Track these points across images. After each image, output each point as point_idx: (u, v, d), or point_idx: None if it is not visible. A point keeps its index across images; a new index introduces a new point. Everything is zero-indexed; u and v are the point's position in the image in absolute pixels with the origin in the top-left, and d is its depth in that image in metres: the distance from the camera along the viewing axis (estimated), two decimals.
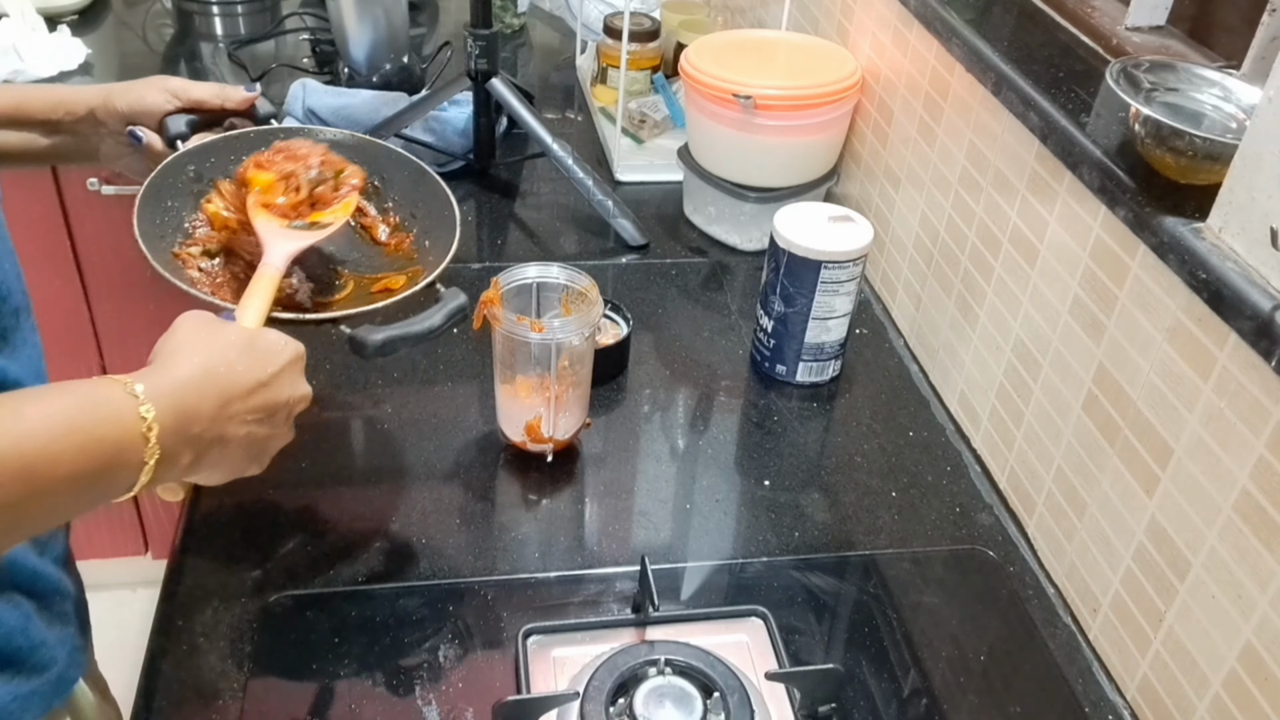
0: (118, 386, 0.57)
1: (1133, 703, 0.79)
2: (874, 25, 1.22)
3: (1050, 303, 0.88)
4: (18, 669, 0.64)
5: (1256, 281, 0.64)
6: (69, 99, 0.89)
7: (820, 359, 1.05)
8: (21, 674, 0.64)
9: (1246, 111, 0.75)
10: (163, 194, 0.87)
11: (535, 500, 0.92)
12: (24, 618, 0.64)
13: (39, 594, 0.66)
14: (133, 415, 0.56)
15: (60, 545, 0.71)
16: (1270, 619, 0.65)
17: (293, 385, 0.68)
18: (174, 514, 0.88)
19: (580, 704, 0.70)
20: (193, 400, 0.60)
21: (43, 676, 0.66)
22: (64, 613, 0.69)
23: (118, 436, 0.55)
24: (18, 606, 0.64)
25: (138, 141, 0.90)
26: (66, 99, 0.89)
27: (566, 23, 1.89)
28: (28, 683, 0.64)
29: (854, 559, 0.88)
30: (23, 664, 0.64)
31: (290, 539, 0.85)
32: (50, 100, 0.88)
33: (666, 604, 0.82)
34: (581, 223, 1.31)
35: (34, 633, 0.65)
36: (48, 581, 0.67)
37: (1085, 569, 0.85)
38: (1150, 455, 0.76)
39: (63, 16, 1.69)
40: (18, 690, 0.64)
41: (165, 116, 0.91)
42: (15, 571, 0.64)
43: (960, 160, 1.02)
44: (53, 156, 0.91)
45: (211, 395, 0.61)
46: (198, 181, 0.91)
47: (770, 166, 1.23)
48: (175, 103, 0.92)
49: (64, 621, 0.69)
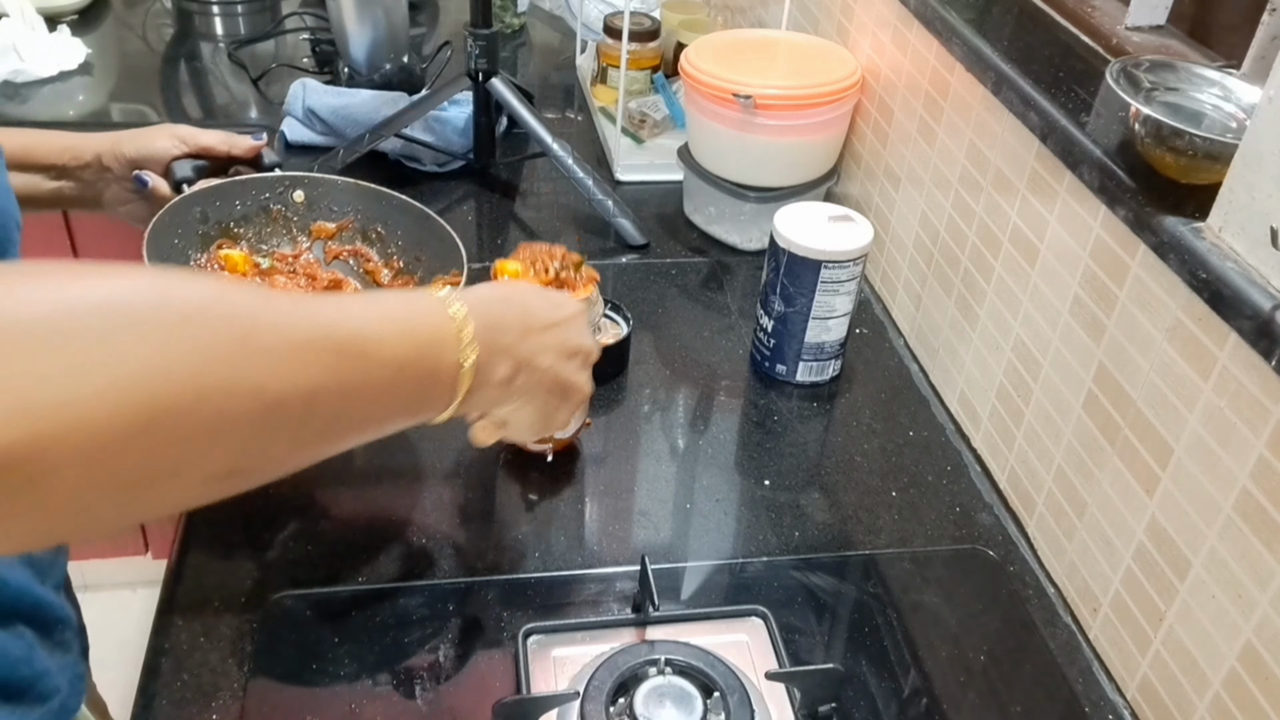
0: (423, 293, 0.56)
1: (1133, 702, 0.79)
2: (874, 25, 1.22)
3: (1050, 302, 0.88)
4: (20, 699, 0.64)
5: (1256, 281, 0.64)
6: (75, 144, 0.91)
7: (820, 359, 1.05)
8: (25, 704, 0.64)
9: (1246, 111, 0.74)
10: (170, 232, 0.90)
11: (535, 500, 0.92)
12: (28, 648, 0.64)
13: (41, 623, 0.66)
14: (443, 311, 0.55)
15: (60, 572, 0.71)
16: (1270, 618, 0.65)
17: (583, 333, 0.68)
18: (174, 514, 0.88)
19: (580, 704, 0.70)
20: (497, 313, 0.59)
21: (45, 706, 0.65)
22: (65, 641, 0.69)
23: (432, 326, 0.54)
24: (21, 636, 0.64)
25: (143, 186, 0.92)
26: (73, 144, 0.91)
27: (566, 22, 1.89)
28: (31, 712, 0.64)
29: (854, 559, 0.88)
30: (26, 693, 0.64)
31: (291, 539, 0.85)
32: (57, 145, 0.89)
33: (666, 604, 0.82)
34: (581, 222, 1.31)
35: (37, 662, 0.65)
36: (50, 610, 0.67)
37: (1085, 568, 0.85)
38: (1150, 455, 0.76)
39: (63, 16, 1.70)
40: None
41: (172, 161, 0.94)
42: (18, 601, 0.64)
43: (960, 160, 1.02)
44: (57, 202, 0.92)
45: (514, 315, 0.61)
46: (204, 223, 0.94)
47: (770, 166, 1.23)
48: (183, 148, 0.95)
49: (65, 649, 0.68)
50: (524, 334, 0.61)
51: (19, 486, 0.35)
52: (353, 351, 0.48)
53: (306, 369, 0.45)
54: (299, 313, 0.46)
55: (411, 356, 0.52)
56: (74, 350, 0.36)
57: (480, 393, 0.58)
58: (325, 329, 0.46)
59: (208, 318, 0.41)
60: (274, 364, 0.43)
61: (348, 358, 0.47)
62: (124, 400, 0.37)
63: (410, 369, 0.52)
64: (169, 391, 0.39)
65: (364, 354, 0.48)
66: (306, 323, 0.46)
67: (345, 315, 0.48)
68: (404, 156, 1.38)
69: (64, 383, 0.36)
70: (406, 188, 1.04)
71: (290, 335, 0.44)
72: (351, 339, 0.48)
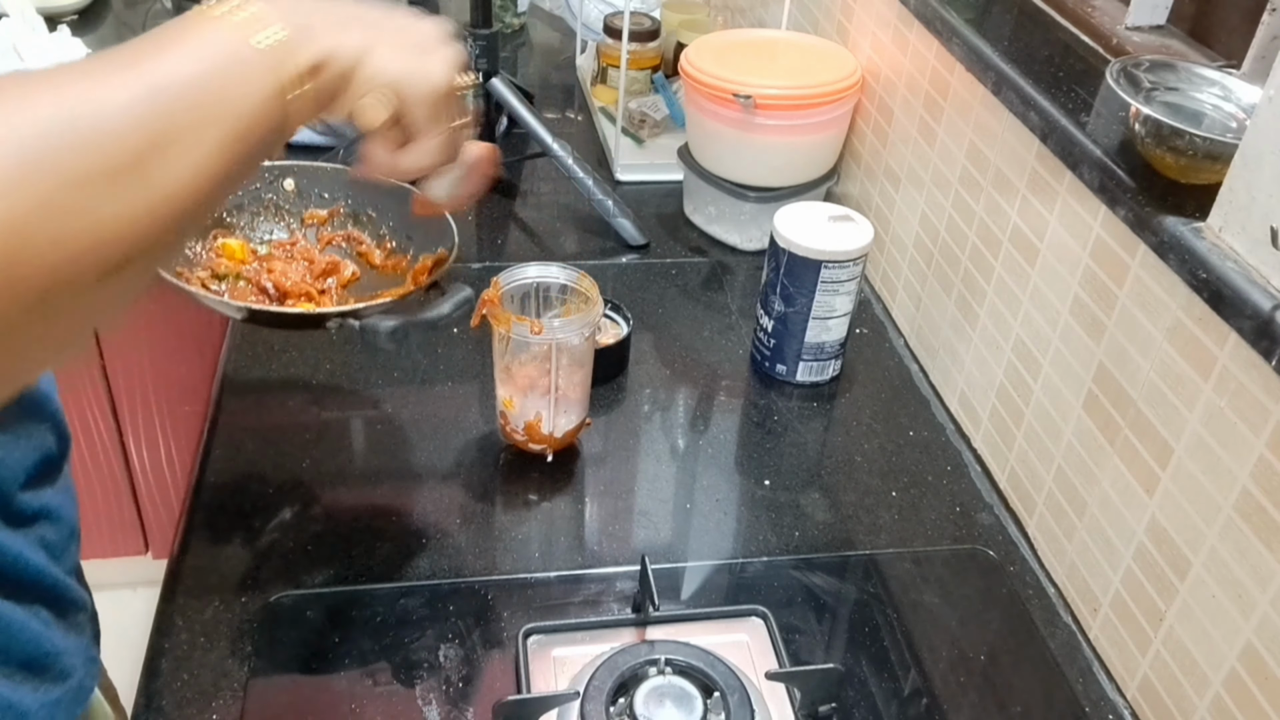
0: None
1: (1133, 702, 0.79)
2: (874, 25, 1.22)
3: (1050, 302, 0.88)
4: (42, 676, 0.64)
5: (1257, 281, 0.64)
6: None
7: (820, 359, 1.05)
8: (46, 681, 0.65)
9: (1247, 111, 0.74)
10: None
11: (535, 500, 0.92)
12: (44, 625, 0.65)
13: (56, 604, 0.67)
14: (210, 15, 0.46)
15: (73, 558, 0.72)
16: (1271, 619, 0.65)
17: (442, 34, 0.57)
18: (174, 514, 0.88)
19: (580, 704, 0.70)
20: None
21: (64, 685, 0.66)
22: (79, 624, 0.69)
23: (204, 20, 0.45)
24: (37, 615, 0.65)
25: None
26: None
27: (566, 22, 1.89)
28: (53, 690, 0.65)
29: (854, 559, 0.88)
30: (46, 671, 0.65)
31: (291, 539, 0.85)
32: None
33: (667, 604, 0.82)
34: (581, 222, 1.31)
35: (55, 641, 0.65)
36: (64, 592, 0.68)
37: (1085, 568, 0.85)
38: (1150, 455, 0.76)
39: (63, 16, 1.69)
40: (45, 698, 0.64)
41: None
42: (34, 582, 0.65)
43: (960, 160, 1.02)
44: None
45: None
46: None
47: (770, 166, 1.23)
48: None
49: (79, 632, 0.69)
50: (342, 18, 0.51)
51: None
52: (152, 98, 0.42)
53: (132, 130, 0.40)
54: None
55: (205, 68, 0.44)
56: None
57: (300, 46, 0.48)
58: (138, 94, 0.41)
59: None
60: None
61: (143, 105, 0.41)
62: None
63: (210, 77, 0.44)
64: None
65: (165, 93, 0.42)
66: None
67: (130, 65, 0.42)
68: None
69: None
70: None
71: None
72: (151, 92, 0.42)
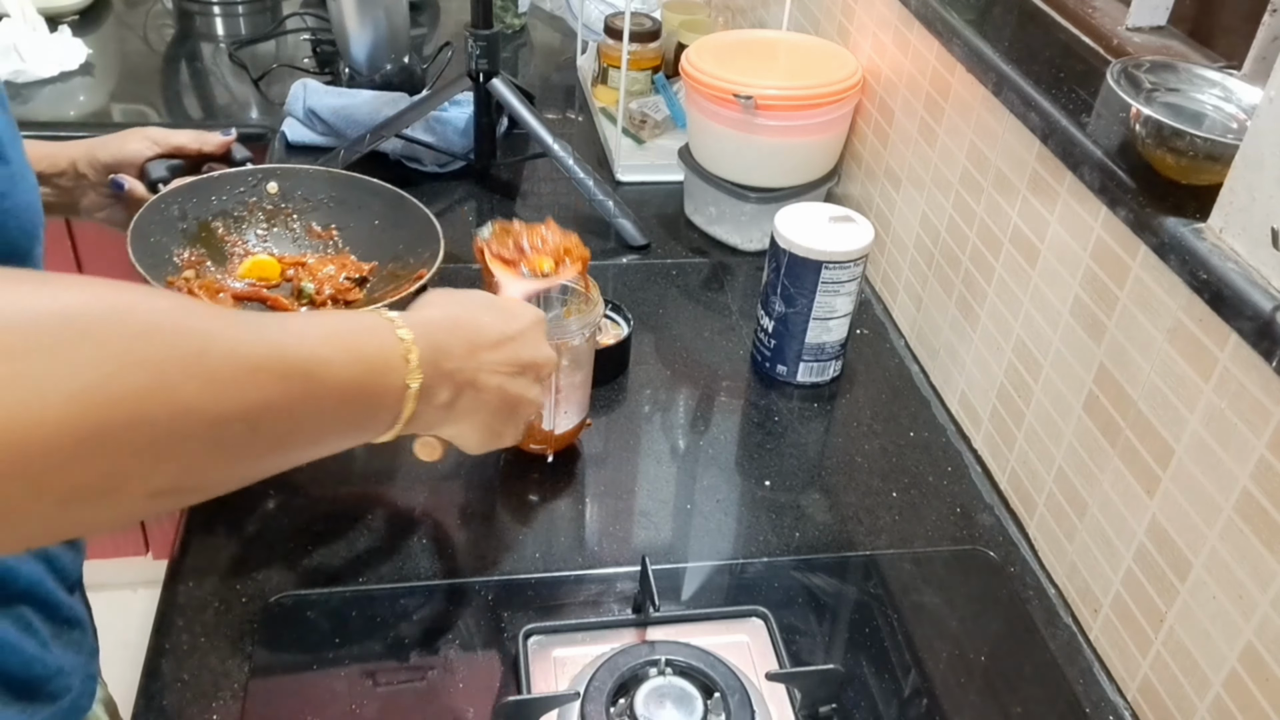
0: (372, 313, 0.57)
1: (1134, 703, 0.79)
2: (875, 25, 1.22)
3: (1051, 303, 0.88)
4: (33, 696, 0.64)
5: (1257, 282, 0.64)
6: (51, 152, 0.94)
7: (821, 359, 1.05)
8: (37, 701, 0.64)
9: (1247, 112, 0.74)
10: (149, 231, 0.93)
11: (535, 500, 0.92)
12: (41, 645, 0.64)
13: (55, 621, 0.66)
14: (391, 334, 0.55)
15: (76, 572, 0.71)
16: (1271, 619, 0.65)
17: (537, 346, 0.68)
18: (174, 514, 0.88)
19: (581, 704, 0.70)
20: (443, 337, 0.59)
21: (56, 705, 0.65)
22: (78, 641, 0.69)
23: (380, 350, 0.55)
24: (35, 634, 0.64)
25: (119, 189, 0.95)
26: (49, 152, 0.94)
27: (567, 23, 1.89)
28: (41, 710, 0.64)
29: (854, 559, 0.88)
30: (38, 691, 0.64)
31: (290, 539, 0.85)
32: (33, 154, 0.90)
33: (667, 604, 0.82)
34: (582, 223, 1.31)
35: (51, 660, 0.65)
36: (63, 610, 0.67)
37: (1086, 569, 0.84)
38: (1151, 455, 0.76)
39: (63, 16, 1.70)
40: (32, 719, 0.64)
41: (146, 163, 0.97)
42: (33, 599, 0.64)
43: (961, 160, 1.02)
44: None
45: (461, 337, 0.61)
46: (182, 219, 0.98)
47: (771, 167, 1.23)
48: (155, 149, 0.98)
49: (77, 649, 0.69)
50: (470, 354, 0.61)
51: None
52: (301, 374, 0.48)
53: (255, 390, 0.45)
54: (251, 334, 0.46)
55: (358, 380, 0.53)
56: (27, 361, 0.36)
57: (423, 415, 0.58)
58: (276, 351, 0.47)
59: (163, 335, 0.41)
60: (224, 385, 0.43)
61: (296, 380, 0.48)
62: (72, 414, 0.37)
63: (356, 392, 0.53)
64: (119, 407, 0.39)
65: (311, 376, 0.49)
66: (259, 345, 0.46)
67: (297, 337, 0.49)
68: (405, 157, 1.38)
69: (13, 393, 0.36)
70: (407, 188, 1.04)
71: (242, 357, 0.45)
72: (301, 362, 0.48)
